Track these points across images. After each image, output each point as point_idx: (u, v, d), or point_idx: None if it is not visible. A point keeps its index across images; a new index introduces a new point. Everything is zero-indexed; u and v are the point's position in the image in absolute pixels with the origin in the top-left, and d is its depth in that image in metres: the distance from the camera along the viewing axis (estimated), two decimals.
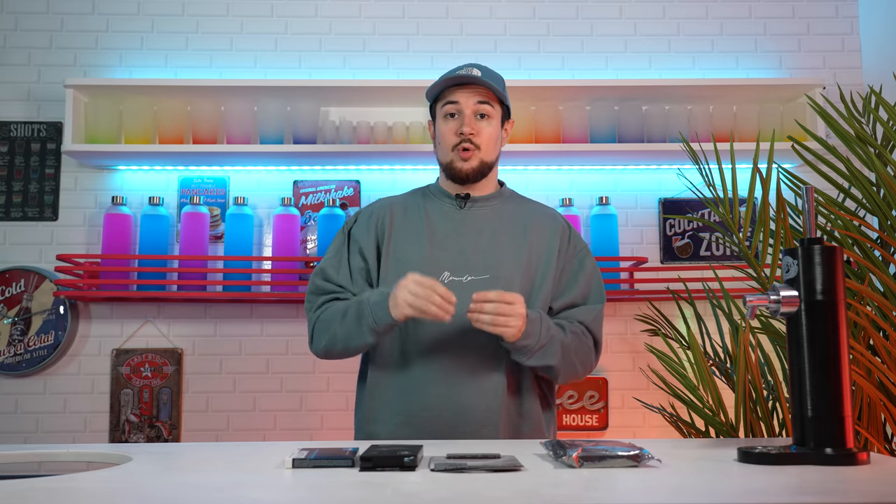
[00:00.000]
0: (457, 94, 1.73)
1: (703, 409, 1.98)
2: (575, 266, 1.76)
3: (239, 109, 2.77)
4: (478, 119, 1.73)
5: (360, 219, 1.80)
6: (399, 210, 1.79)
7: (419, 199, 1.82)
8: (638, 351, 2.83)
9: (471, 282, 1.67)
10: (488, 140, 1.74)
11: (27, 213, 2.84)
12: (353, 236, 1.77)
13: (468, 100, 1.72)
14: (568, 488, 1.00)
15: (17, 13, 2.92)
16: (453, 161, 1.74)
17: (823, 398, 1.18)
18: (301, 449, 1.21)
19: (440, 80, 1.75)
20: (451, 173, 1.75)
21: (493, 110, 1.75)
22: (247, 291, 2.70)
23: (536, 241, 1.74)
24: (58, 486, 1.02)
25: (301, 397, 2.81)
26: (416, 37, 2.95)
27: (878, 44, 2.89)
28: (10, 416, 2.75)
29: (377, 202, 1.84)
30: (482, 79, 1.72)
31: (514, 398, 1.67)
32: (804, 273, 1.21)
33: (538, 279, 1.71)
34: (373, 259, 1.74)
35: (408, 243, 1.73)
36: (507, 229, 1.75)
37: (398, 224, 1.76)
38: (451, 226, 1.75)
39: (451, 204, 1.78)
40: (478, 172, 1.74)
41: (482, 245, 1.72)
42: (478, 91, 1.73)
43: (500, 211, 1.78)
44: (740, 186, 2.21)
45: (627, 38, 2.98)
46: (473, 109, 1.72)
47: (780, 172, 2.05)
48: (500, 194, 1.81)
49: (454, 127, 1.73)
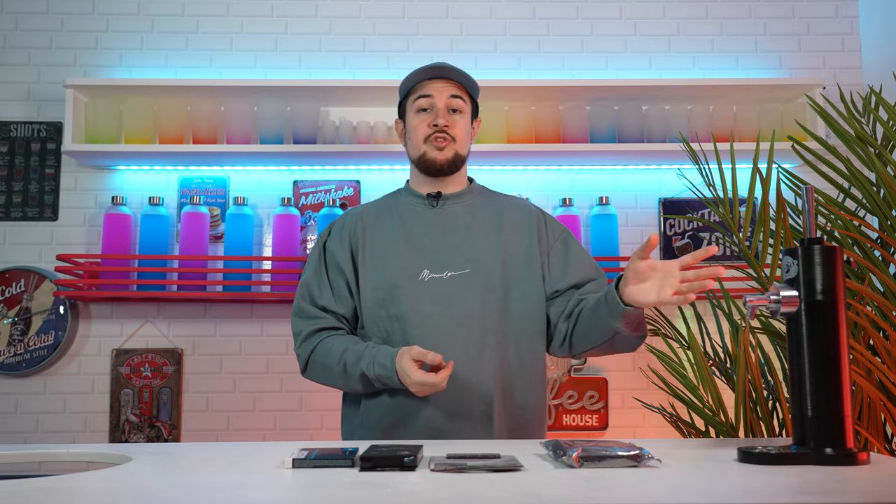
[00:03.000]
0: (429, 87, 1.75)
1: (703, 409, 1.98)
2: (561, 249, 1.76)
3: (239, 109, 2.77)
4: (450, 113, 1.75)
5: (334, 232, 1.80)
6: (370, 217, 1.79)
7: (390, 202, 1.83)
8: (638, 351, 2.82)
9: (451, 277, 1.68)
10: (462, 133, 1.76)
11: (27, 213, 2.84)
12: (329, 250, 1.77)
13: (441, 93, 1.74)
14: (568, 488, 1.00)
15: (17, 13, 2.92)
16: (427, 152, 1.74)
17: (823, 398, 1.18)
18: (301, 449, 1.21)
19: (413, 74, 1.77)
20: (425, 166, 1.75)
21: (465, 105, 1.77)
22: (247, 291, 2.70)
23: (512, 233, 1.75)
24: (58, 486, 1.02)
25: (301, 397, 2.81)
26: (416, 37, 2.95)
27: (878, 44, 2.89)
28: (10, 416, 2.76)
29: (348, 212, 1.85)
30: (454, 70, 1.75)
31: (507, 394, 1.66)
32: (804, 273, 1.21)
33: (521, 270, 1.71)
34: (350, 271, 1.74)
35: (384, 247, 1.73)
36: (482, 223, 1.75)
37: (371, 231, 1.76)
38: (426, 225, 1.75)
39: (423, 203, 1.78)
40: (452, 164, 1.75)
41: (458, 241, 1.72)
42: (450, 84, 1.75)
43: (472, 206, 1.79)
44: (740, 186, 2.21)
45: (627, 38, 2.98)
46: (446, 103, 1.74)
47: (780, 172, 2.05)
48: (471, 190, 1.82)
49: (427, 119, 1.74)
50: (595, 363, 2.84)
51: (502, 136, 2.77)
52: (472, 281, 1.68)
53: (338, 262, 1.75)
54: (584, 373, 2.83)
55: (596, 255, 2.76)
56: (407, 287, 1.67)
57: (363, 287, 1.71)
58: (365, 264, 1.73)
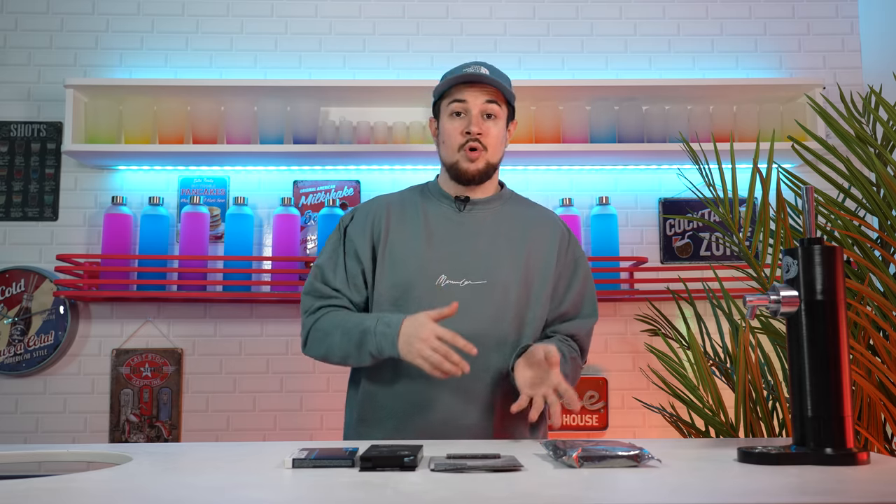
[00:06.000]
0: (465, 92, 1.70)
1: (703, 409, 1.98)
2: (569, 274, 1.75)
3: (239, 109, 2.77)
4: (484, 119, 1.70)
5: (357, 217, 1.76)
6: (396, 210, 1.76)
7: (417, 198, 1.79)
8: (638, 351, 2.83)
9: (468, 286, 1.66)
10: (495, 141, 1.71)
11: (27, 213, 2.84)
12: (349, 236, 1.74)
13: (476, 99, 1.69)
14: (568, 488, 1.00)
15: (17, 13, 2.92)
16: (459, 162, 1.70)
17: (823, 398, 1.18)
18: (301, 449, 1.21)
19: (448, 78, 1.72)
20: (456, 174, 1.72)
21: (500, 110, 1.72)
22: (247, 291, 2.70)
23: (535, 248, 1.72)
24: (58, 486, 1.02)
25: (301, 397, 2.81)
26: (416, 37, 2.95)
27: (878, 44, 2.89)
28: (10, 416, 2.75)
29: (374, 200, 1.81)
30: (491, 77, 1.69)
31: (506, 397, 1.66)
32: (804, 273, 1.21)
33: (536, 286, 1.70)
34: (368, 261, 1.71)
35: (405, 245, 1.70)
36: (506, 234, 1.73)
37: (395, 224, 1.73)
38: (450, 228, 1.72)
39: (450, 206, 1.75)
40: (483, 174, 1.71)
41: (480, 249, 1.70)
42: (486, 90, 1.70)
43: (499, 214, 1.75)
44: (740, 186, 2.21)
45: (627, 38, 2.98)
46: (481, 109, 1.69)
47: (780, 172, 2.05)
48: (500, 196, 1.79)
49: (460, 126, 1.70)
50: (595, 363, 2.84)
51: None
52: (488, 293, 1.65)
53: (356, 249, 1.71)
54: (584, 373, 2.82)
55: (596, 255, 2.76)
56: (422, 291, 1.65)
57: (379, 282, 1.69)
58: (384, 258, 1.70)
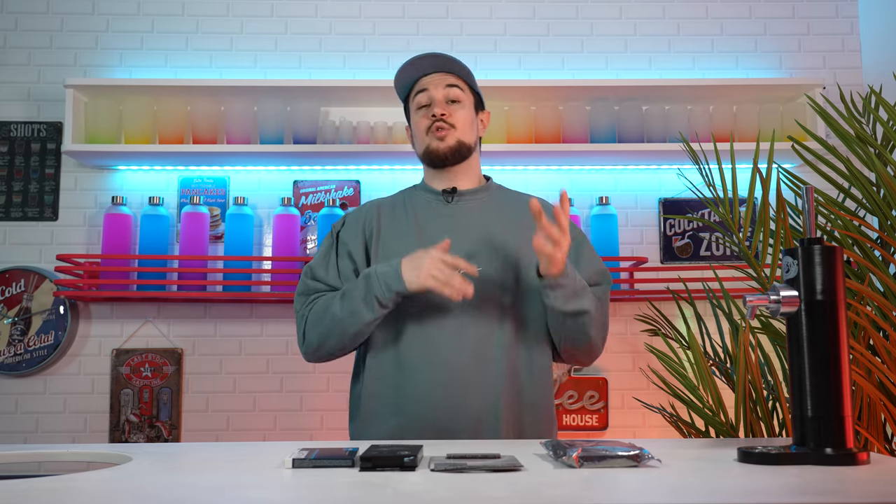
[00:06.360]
0: (425, 81, 1.75)
1: (703, 409, 1.98)
2: (572, 254, 1.74)
3: (239, 109, 2.77)
4: (449, 103, 1.74)
5: (348, 221, 1.79)
6: (387, 210, 1.79)
7: (406, 197, 1.82)
8: (638, 351, 2.83)
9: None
10: (463, 122, 1.74)
11: (27, 213, 2.84)
12: (342, 239, 1.76)
13: (437, 85, 1.74)
14: (568, 488, 1.00)
15: (17, 13, 2.92)
16: (429, 144, 1.73)
17: (823, 398, 1.18)
18: (301, 449, 1.21)
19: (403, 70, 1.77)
20: (430, 158, 1.75)
21: (465, 95, 1.76)
22: (247, 291, 2.70)
23: (528, 233, 1.73)
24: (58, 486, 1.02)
25: (301, 397, 2.81)
26: (416, 37, 2.95)
27: (878, 44, 2.89)
28: (10, 416, 2.76)
29: (364, 205, 1.85)
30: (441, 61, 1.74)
31: (514, 393, 1.66)
32: (804, 273, 1.21)
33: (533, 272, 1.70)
34: (361, 260, 1.73)
35: (397, 241, 1.72)
36: (497, 221, 1.74)
37: (386, 223, 1.76)
38: (440, 221, 1.74)
39: (438, 199, 1.77)
40: (455, 152, 1.73)
41: (472, 238, 1.71)
42: (445, 76, 1.75)
43: (488, 203, 1.77)
44: (740, 186, 2.21)
45: (627, 38, 2.98)
46: (444, 94, 1.74)
47: (780, 172, 2.05)
48: (487, 188, 1.81)
49: (427, 113, 1.74)
50: (595, 363, 2.83)
51: (502, 136, 2.77)
52: (484, 280, 1.66)
53: (349, 250, 1.74)
54: (584, 373, 2.83)
55: None
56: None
57: None
58: (377, 254, 1.72)
